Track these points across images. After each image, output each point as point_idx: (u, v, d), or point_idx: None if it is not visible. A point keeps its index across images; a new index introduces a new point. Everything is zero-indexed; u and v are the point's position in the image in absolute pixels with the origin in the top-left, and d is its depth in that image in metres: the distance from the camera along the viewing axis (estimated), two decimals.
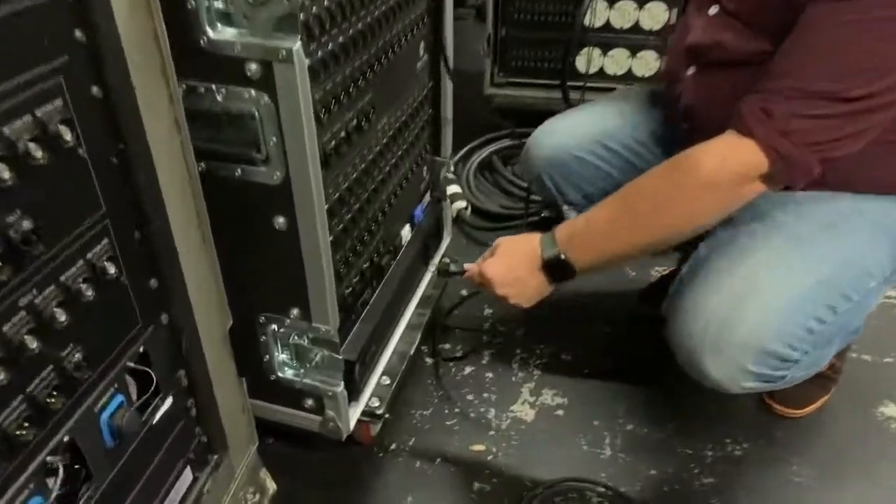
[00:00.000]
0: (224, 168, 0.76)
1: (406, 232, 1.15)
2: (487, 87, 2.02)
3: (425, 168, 1.23)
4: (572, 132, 1.20)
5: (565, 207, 1.32)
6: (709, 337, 0.84)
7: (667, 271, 1.51)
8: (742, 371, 0.84)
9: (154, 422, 0.69)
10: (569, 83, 1.91)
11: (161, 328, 0.69)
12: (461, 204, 1.27)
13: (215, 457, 0.82)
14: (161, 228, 0.65)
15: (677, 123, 1.06)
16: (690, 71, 1.00)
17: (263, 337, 0.89)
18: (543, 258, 0.90)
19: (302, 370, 0.92)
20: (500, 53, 1.97)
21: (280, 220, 0.78)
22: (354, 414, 0.98)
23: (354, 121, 0.87)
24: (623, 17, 1.84)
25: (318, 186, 0.75)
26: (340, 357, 0.89)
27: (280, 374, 0.93)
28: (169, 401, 0.71)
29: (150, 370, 0.67)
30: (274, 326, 0.89)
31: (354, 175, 0.90)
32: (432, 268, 1.26)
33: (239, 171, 0.76)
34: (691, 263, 0.93)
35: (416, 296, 1.20)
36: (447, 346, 1.33)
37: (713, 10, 0.95)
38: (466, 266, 0.98)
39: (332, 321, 0.85)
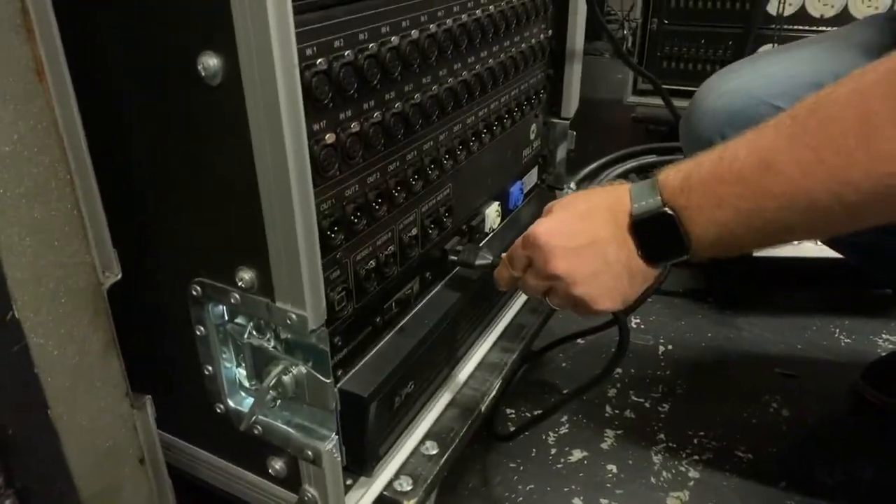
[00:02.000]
0: None
1: (492, 213, 0.72)
2: (628, 95, 1.58)
3: (534, 128, 0.81)
4: (768, 74, 0.74)
5: None
6: None
7: None
8: None
9: None
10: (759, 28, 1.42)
11: None
12: None
13: None
14: None
15: None
16: None
17: (200, 328, 0.48)
18: (634, 215, 0.48)
19: (270, 401, 0.49)
20: (647, 52, 1.54)
21: (212, 62, 0.38)
22: (362, 501, 0.54)
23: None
24: (824, 2, 1.36)
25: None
26: (329, 381, 0.45)
27: (228, 405, 0.50)
28: None
29: None
30: (219, 308, 0.47)
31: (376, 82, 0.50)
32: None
33: None
34: None
35: (501, 321, 0.75)
36: (535, 411, 0.85)
37: None
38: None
39: (310, 302, 0.42)
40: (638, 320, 1.04)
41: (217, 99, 0.39)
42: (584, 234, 0.50)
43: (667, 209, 0.48)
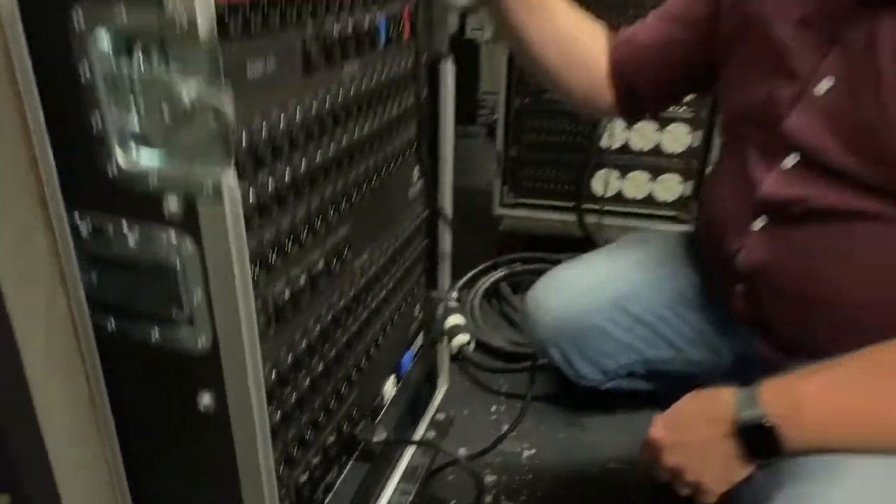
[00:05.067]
0: (137, 329, 0.58)
1: (389, 387, 0.95)
2: (497, 208, 1.88)
3: (417, 306, 1.04)
4: (585, 292, 1.00)
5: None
6: None
7: None
8: None
9: None
10: (584, 206, 1.78)
11: None
12: (463, 339, 1.06)
13: None
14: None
15: (724, 283, 0.87)
16: (759, 224, 0.81)
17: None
18: (739, 421, 0.64)
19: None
20: (510, 173, 1.84)
21: (206, 399, 0.58)
22: None
23: (322, 262, 0.70)
24: (643, 138, 1.72)
25: (255, 355, 0.56)
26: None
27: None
28: None
29: None
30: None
31: (319, 329, 0.71)
32: (422, 428, 1.04)
33: (156, 332, 0.57)
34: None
35: (399, 469, 0.97)
36: None
37: (790, 161, 0.78)
38: None
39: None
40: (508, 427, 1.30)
41: None
42: (687, 434, 0.67)
43: (765, 422, 0.62)
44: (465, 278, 1.72)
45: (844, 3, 0.72)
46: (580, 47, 0.98)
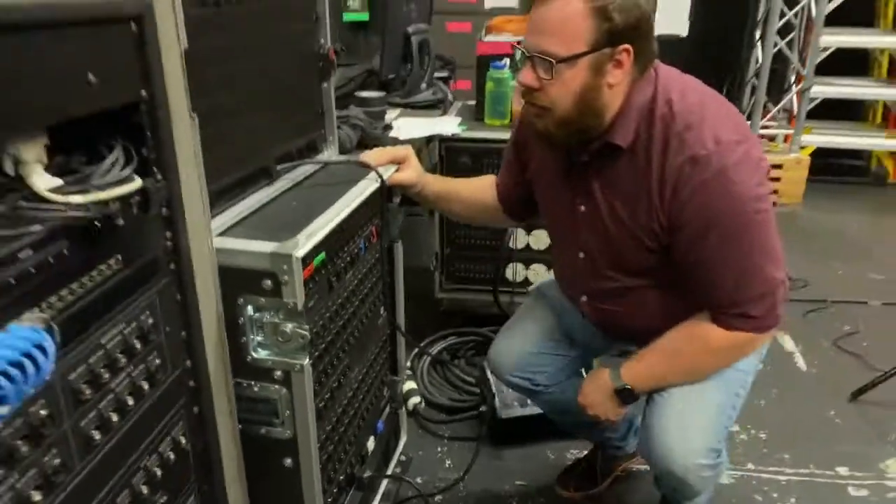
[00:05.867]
0: (256, 427, 1.16)
1: (371, 442, 1.54)
2: (437, 292, 2.50)
3: (385, 388, 1.65)
4: (525, 337, 1.58)
5: (496, 403, 1.74)
6: (676, 449, 1.25)
7: (582, 454, 1.91)
8: (697, 464, 1.24)
9: None
10: (500, 289, 2.42)
11: None
12: (416, 399, 1.69)
13: None
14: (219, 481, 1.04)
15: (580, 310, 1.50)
16: (583, 298, 1.42)
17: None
18: (615, 388, 1.32)
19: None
20: (445, 266, 2.47)
21: (288, 461, 1.17)
22: None
23: (337, 381, 1.30)
24: (538, 241, 2.38)
25: (313, 438, 1.16)
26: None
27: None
28: None
29: None
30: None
31: (336, 418, 1.31)
32: (391, 466, 1.64)
33: (265, 429, 1.16)
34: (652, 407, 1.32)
35: (378, 494, 1.56)
36: None
37: (581, 255, 1.34)
38: None
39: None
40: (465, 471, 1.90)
41: None
42: (596, 397, 1.36)
43: (627, 385, 1.31)
44: (415, 351, 2.33)
45: (569, 164, 1.27)
46: (477, 200, 1.61)
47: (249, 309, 1.06)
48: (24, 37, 0.59)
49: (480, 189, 1.61)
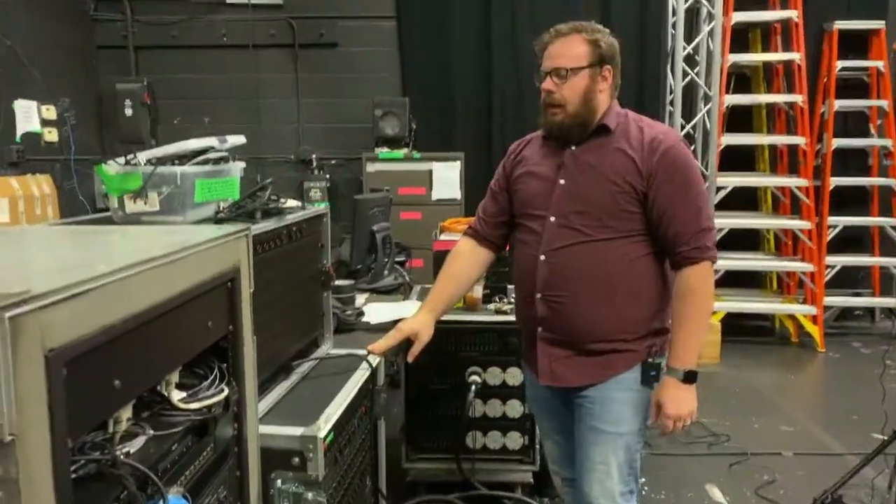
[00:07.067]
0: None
1: None
2: (404, 462, 2.73)
3: None
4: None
5: None
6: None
7: None
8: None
9: None
10: (462, 457, 2.68)
11: None
12: None
13: None
14: None
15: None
16: (538, 291, 1.70)
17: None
18: (684, 379, 1.63)
19: None
20: (411, 437, 2.73)
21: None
22: None
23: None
24: (494, 409, 2.70)
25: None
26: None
27: None
28: None
29: None
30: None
31: None
32: None
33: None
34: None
35: None
36: None
37: (552, 218, 1.68)
38: None
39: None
40: None
41: None
42: (682, 402, 1.67)
43: (693, 370, 1.65)
44: None
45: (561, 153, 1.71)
46: (472, 275, 2.03)
47: (279, 482, 1.34)
48: (187, 306, 0.96)
49: (467, 266, 2.01)
